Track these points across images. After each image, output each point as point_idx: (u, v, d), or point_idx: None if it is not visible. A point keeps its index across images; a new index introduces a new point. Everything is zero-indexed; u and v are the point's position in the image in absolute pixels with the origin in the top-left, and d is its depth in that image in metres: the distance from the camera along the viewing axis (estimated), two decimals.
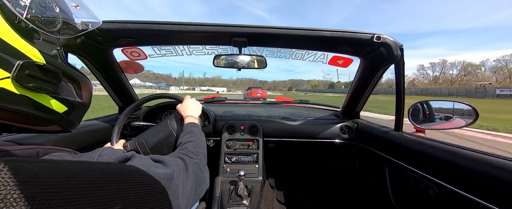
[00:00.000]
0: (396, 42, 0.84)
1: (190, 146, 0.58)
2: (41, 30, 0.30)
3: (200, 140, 0.66)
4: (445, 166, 0.70)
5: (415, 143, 0.86)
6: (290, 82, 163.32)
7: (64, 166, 0.22)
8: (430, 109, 1.03)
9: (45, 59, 0.30)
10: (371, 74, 1.07)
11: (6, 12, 0.26)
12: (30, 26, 0.28)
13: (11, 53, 0.26)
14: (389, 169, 1.02)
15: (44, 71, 0.29)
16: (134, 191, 0.28)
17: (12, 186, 0.18)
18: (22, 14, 0.27)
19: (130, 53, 1.04)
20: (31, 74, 0.27)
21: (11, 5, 0.26)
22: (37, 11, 0.29)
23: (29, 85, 0.27)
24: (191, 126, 0.72)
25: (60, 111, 0.32)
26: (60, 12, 0.33)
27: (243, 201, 1.05)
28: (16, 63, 0.26)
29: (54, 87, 0.31)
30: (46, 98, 0.30)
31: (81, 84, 0.37)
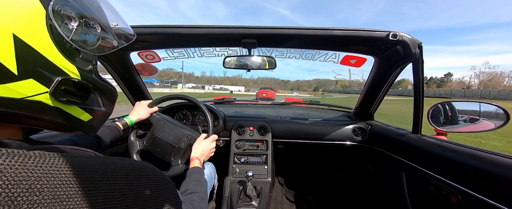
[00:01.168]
0: (414, 39, 0.80)
1: (196, 199, 0.59)
2: (82, 49, 0.32)
3: (205, 192, 0.67)
4: (470, 172, 0.65)
5: (436, 146, 0.80)
6: (316, 82, 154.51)
7: (80, 160, 0.24)
8: (452, 111, 0.96)
9: (81, 74, 0.32)
10: (386, 73, 1.02)
11: (55, 34, 0.28)
12: (73, 46, 0.31)
13: (52, 70, 0.28)
14: (406, 174, 0.96)
15: (78, 86, 0.32)
16: (144, 185, 0.30)
17: (36, 176, 0.20)
18: (68, 36, 0.30)
19: (146, 56, 1.09)
20: (66, 90, 0.30)
21: (60, 29, 0.28)
22: (81, 32, 0.32)
23: (62, 99, 0.30)
24: (197, 171, 0.72)
25: (85, 120, 0.35)
26: (101, 31, 0.36)
27: (252, 201, 1.05)
28: (55, 80, 0.29)
29: (84, 100, 0.34)
30: (75, 109, 0.33)
31: (108, 95, 0.39)
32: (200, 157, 0.80)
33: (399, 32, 0.78)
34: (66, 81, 0.30)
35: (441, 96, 36.67)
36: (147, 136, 0.95)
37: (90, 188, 0.23)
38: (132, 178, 0.29)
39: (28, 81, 0.26)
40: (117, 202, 0.26)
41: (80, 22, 0.32)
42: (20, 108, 0.26)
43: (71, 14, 0.30)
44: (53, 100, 0.29)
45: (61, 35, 0.29)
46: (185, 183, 0.66)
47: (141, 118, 0.94)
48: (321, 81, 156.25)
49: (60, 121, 0.31)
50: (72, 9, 0.31)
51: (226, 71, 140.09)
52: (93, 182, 0.24)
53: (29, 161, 0.20)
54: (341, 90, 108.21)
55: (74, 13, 0.31)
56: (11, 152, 0.20)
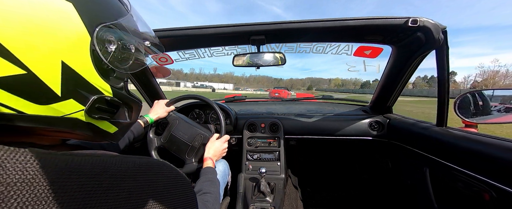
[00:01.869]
0: (437, 24, 0.73)
1: (209, 199, 0.61)
2: (117, 68, 0.34)
3: (218, 192, 0.68)
4: (506, 166, 0.59)
5: (465, 139, 0.74)
6: (309, 80, 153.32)
7: (103, 159, 0.26)
8: (484, 100, 0.87)
9: (113, 92, 0.34)
10: (405, 63, 0.95)
11: (96, 57, 0.30)
12: (109, 67, 0.32)
13: (89, 89, 0.30)
14: (430, 170, 0.90)
15: (109, 104, 0.34)
16: (162, 182, 0.32)
17: (66, 175, 0.22)
18: (107, 59, 0.31)
19: (159, 58, 1.13)
20: (99, 107, 0.32)
21: (101, 54, 0.30)
22: (117, 54, 0.33)
23: (95, 116, 0.32)
24: (210, 172, 0.73)
25: (111, 131, 0.37)
26: (135, 52, 0.37)
27: (266, 197, 1.06)
28: (91, 98, 0.30)
29: (113, 115, 0.35)
30: (104, 123, 0.35)
31: (134, 108, 0.41)
32: (213, 157, 0.82)
33: (420, 17, 0.72)
34: (100, 99, 0.32)
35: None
36: (164, 134, 1.00)
37: (114, 184, 0.25)
38: (150, 176, 0.30)
39: (69, 101, 0.28)
40: (139, 198, 0.27)
41: (118, 45, 0.33)
42: (58, 125, 0.28)
43: (112, 38, 0.32)
44: (87, 117, 0.31)
45: (100, 58, 0.31)
46: (199, 182, 0.68)
47: (159, 116, 0.99)
48: (314, 79, 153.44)
49: (90, 134, 0.33)
50: (113, 34, 0.33)
51: (216, 68, 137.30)
52: (116, 179, 0.26)
53: (59, 162, 0.22)
54: (335, 89, 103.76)
55: (114, 38, 0.33)
56: (43, 153, 0.22)
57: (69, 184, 0.22)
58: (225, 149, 0.90)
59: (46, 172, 0.21)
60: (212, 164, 0.79)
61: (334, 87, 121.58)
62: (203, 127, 0.99)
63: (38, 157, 0.21)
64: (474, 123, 0.83)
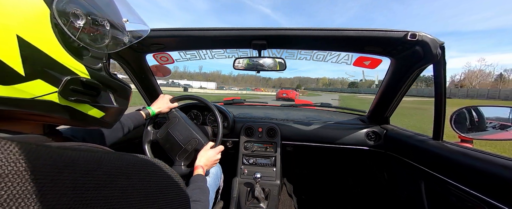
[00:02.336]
0: (435, 40, 0.74)
1: (198, 208, 0.60)
2: (90, 47, 0.32)
3: (208, 201, 0.67)
4: (500, 183, 0.59)
5: (460, 154, 0.74)
6: (297, 79, 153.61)
7: (98, 155, 0.26)
8: (480, 116, 0.88)
9: (90, 73, 0.32)
10: (403, 75, 0.97)
11: (61, 33, 0.28)
12: (81, 45, 0.30)
13: (60, 70, 0.28)
14: (425, 183, 0.90)
15: (86, 85, 0.31)
16: (155, 182, 0.31)
17: (59, 168, 0.21)
18: (75, 35, 0.29)
19: (160, 58, 1.13)
20: (74, 89, 0.30)
21: (66, 28, 0.28)
22: (89, 30, 0.31)
23: (72, 98, 0.30)
24: (200, 180, 0.73)
25: (97, 116, 0.35)
26: (110, 28, 0.35)
27: (260, 203, 1.04)
28: (63, 79, 0.29)
29: (93, 98, 0.34)
30: (86, 107, 0.33)
31: (120, 92, 0.39)
32: (204, 166, 0.81)
33: (419, 32, 0.74)
34: (75, 80, 0.30)
35: (430, 95, 34.76)
36: (161, 130, 0.99)
37: (107, 182, 0.24)
38: (144, 174, 0.30)
39: (36, 81, 0.26)
40: (132, 197, 0.26)
41: (87, 19, 0.31)
42: (31, 108, 0.27)
43: (78, 12, 0.30)
44: (62, 100, 0.29)
45: (67, 35, 0.28)
46: (188, 190, 0.67)
47: (162, 110, 0.98)
48: (302, 79, 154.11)
49: (73, 119, 0.32)
50: (79, 6, 0.30)
51: (202, 66, 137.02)
52: (110, 176, 0.25)
53: (53, 154, 0.22)
54: (323, 88, 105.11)
55: (81, 11, 0.30)
56: (37, 145, 0.21)
57: (61, 179, 0.21)
58: (217, 160, 0.89)
59: (39, 166, 0.20)
60: (203, 172, 0.78)
61: (322, 86, 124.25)
62: (200, 131, 0.98)
63: (32, 149, 0.20)
64: (470, 138, 0.84)
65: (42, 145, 0.22)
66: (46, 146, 0.22)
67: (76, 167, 0.22)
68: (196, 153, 0.88)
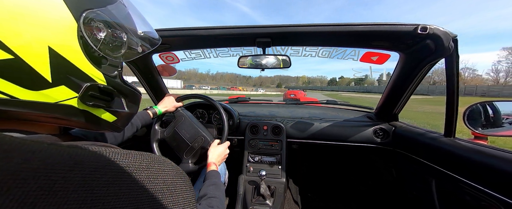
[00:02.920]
0: (447, 32, 0.71)
1: (215, 204, 0.60)
2: (109, 56, 0.35)
3: (223, 196, 0.68)
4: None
5: (474, 151, 0.71)
6: (278, 78, 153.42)
7: (106, 152, 0.27)
8: (495, 112, 0.84)
9: (107, 80, 0.35)
10: (412, 70, 0.94)
11: (85, 44, 0.31)
12: (101, 55, 0.33)
13: (82, 77, 0.31)
14: (436, 181, 0.87)
15: (103, 91, 0.34)
16: (162, 179, 0.31)
17: (71, 166, 0.22)
18: (97, 46, 0.32)
19: (166, 57, 1.15)
20: (93, 95, 0.33)
21: (90, 40, 0.31)
22: (108, 42, 0.34)
23: (90, 103, 0.33)
24: (214, 176, 0.74)
25: (110, 120, 0.38)
26: (127, 39, 0.38)
27: (266, 201, 1.05)
28: (83, 86, 0.32)
29: (108, 103, 0.36)
30: (100, 111, 0.36)
31: (131, 98, 0.42)
32: (216, 162, 0.83)
33: (430, 24, 0.71)
34: (93, 87, 0.33)
35: (416, 92, 34.12)
36: (167, 128, 1.01)
37: (115, 179, 0.25)
38: (152, 172, 0.30)
39: (61, 87, 0.29)
40: (139, 194, 0.27)
41: (107, 32, 0.34)
42: (53, 111, 0.30)
43: (100, 25, 0.33)
44: (81, 104, 0.32)
45: (90, 45, 0.31)
46: (204, 187, 0.69)
47: (168, 110, 1.01)
48: (283, 77, 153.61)
49: (88, 122, 0.34)
50: (101, 20, 0.33)
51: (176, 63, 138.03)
52: (118, 173, 0.26)
53: (64, 153, 0.23)
54: (304, 86, 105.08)
55: (103, 24, 0.33)
56: (49, 144, 0.22)
57: (71, 177, 0.22)
58: (227, 155, 0.91)
59: (50, 163, 0.21)
60: (216, 168, 0.79)
61: (302, 84, 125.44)
62: (206, 130, 1.00)
63: (44, 147, 0.21)
64: (484, 135, 0.80)
65: (54, 144, 0.23)
66: (57, 144, 0.23)
67: (86, 165, 0.23)
68: (203, 150, 0.89)
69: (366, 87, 62.17)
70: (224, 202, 0.67)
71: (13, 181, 0.19)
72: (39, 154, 0.21)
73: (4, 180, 0.18)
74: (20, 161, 0.19)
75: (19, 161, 0.19)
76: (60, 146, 0.23)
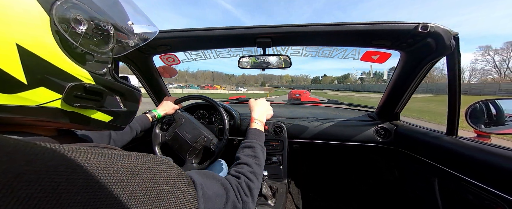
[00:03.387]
0: (448, 30, 0.71)
1: (245, 174, 0.48)
2: (94, 52, 0.31)
3: (261, 163, 0.54)
4: None
5: (477, 150, 0.71)
6: (261, 76, 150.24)
7: (108, 154, 0.26)
8: (498, 110, 0.84)
9: (94, 79, 0.32)
10: (414, 69, 0.93)
11: (62, 39, 0.27)
12: (84, 51, 0.30)
13: (63, 77, 0.28)
14: (439, 180, 0.87)
15: (90, 91, 0.31)
16: (164, 180, 0.31)
17: (73, 168, 0.22)
18: (77, 41, 0.29)
19: (167, 58, 1.16)
20: (78, 95, 0.30)
21: (67, 35, 0.27)
22: (91, 36, 0.30)
23: (76, 104, 0.30)
24: (255, 135, 0.63)
25: (105, 120, 0.35)
26: (114, 32, 0.34)
27: (268, 201, 1.05)
28: (66, 86, 0.29)
29: (99, 103, 0.33)
30: (91, 112, 0.33)
31: (128, 95, 0.39)
32: (261, 116, 0.70)
33: (431, 23, 0.71)
34: (78, 87, 0.30)
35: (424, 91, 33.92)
36: (168, 131, 1.02)
37: (118, 180, 0.25)
38: (154, 173, 0.30)
39: (39, 89, 0.26)
40: (141, 195, 0.27)
41: (89, 24, 0.30)
42: (36, 115, 0.27)
43: (79, 17, 0.29)
44: (66, 106, 0.29)
45: (69, 41, 0.28)
46: (240, 147, 0.59)
47: (167, 113, 1.00)
48: (266, 76, 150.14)
49: (78, 124, 0.32)
50: (80, 11, 0.29)
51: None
52: (120, 175, 0.26)
53: (67, 154, 0.23)
54: (287, 85, 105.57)
55: (83, 16, 0.29)
56: (52, 146, 0.22)
57: (75, 178, 0.22)
58: (271, 108, 0.79)
59: (53, 165, 0.21)
60: (261, 127, 0.67)
61: (285, 83, 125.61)
62: (208, 129, 1.00)
63: (46, 150, 0.21)
64: (487, 133, 0.80)
65: (55, 146, 0.23)
66: (60, 146, 0.23)
67: (88, 166, 0.23)
68: (205, 150, 0.88)
69: (348, 86, 63.15)
70: (259, 170, 0.53)
71: (17, 183, 0.19)
72: (41, 156, 0.21)
73: (8, 182, 0.18)
74: (23, 163, 0.19)
75: (22, 163, 0.19)
76: (63, 148, 0.23)
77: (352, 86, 60.05)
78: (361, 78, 70.06)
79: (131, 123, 0.84)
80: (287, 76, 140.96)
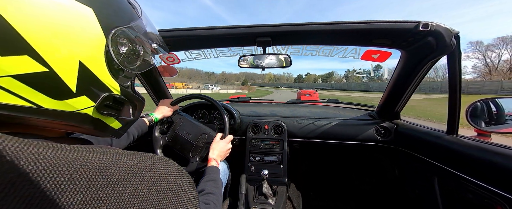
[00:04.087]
0: (449, 29, 0.71)
1: (213, 201, 0.60)
2: (126, 68, 0.36)
3: (220, 194, 0.68)
4: None
5: (477, 149, 0.71)
6: (243, 75, 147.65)
7: (110, 153, 0.27)
8: (498, 109, 0.83)
9: (121, 90, 0.36)
10: (414, 68, 0.93)
11: (109, 57, 0.32)
12: (119, 67, 0.35)
13: (101, 88, 0.33)
14: (439, 179, 0.87)
15: (117, 101, 0.36)
16: (166, 179, 0.32)
17: (75, 167, 0.22)
18: (119, 59, 0.34)
19: (167, 58, 1.16)
20: (108, 104, 0.34)
21: (114, 55, 0.33)
22: (128, 55, 0.36)
23: (104, 112, 0.34)
24: (214, 171, 0.74)
25: (116, 127, 0.39)
26: (143, 53, 0.40)
27: (269, 200, 1.05)
28: (101, 95, 0.33)
29: (119, 112, 0.38)
30: (110, 119, 0.37)
31: (138, 106, 0.43)
32: (217, 157, 0.82)
33: (431, 21, 0.70)
34: (109, 97, 0.34)
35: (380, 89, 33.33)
36: (169, 133, 1.01)
37: (120, 179, 0.25)
38: (155, 172, 0.30)
39: (82, 97, 0.30)
40: (142, 194, 0.27)
41: (129, 47, 0.36)
42: (69, 119, 0.30)
43: (124, 40, 0.35)
44: (96, 113, 0.33)
45: (113, 59, 0.33)
46: (202, 182, 0.68)
47: (165, 115, 1.01)
48: (249, 74, 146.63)
49: (96, 130, 0.35)
50: (126, 37, 0.35)
51: None
52: (122, 174, 0.26)
53: (69, 154, 0.23)
54: (270, 84, 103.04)
55: (126, 41, 0.35)
56: (55, 146, 0.23)
57: (77, 177, 0.22)
58: (229, 150, 0.90)
59: (56, 165, 0.21)
60: (217, 164, 0.79)
61: (268, 82, 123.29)
62: (207, 126, 1.00)
63: (49, 149, 0.22)
64: (487, 132, 0.80)
65: (59, 146, 0.23)
66: (62, 146, 0.23)
67: (91, 166, 0.24)
68: (208, 146, 0.89)
69: (333, 84, 63.15)
70: (221, 199, 0.67)
71: (20, 182, 0.19)
72: (44, 156, 0.21)
73: (11, 181, 0.19)
74: (27, 163, 0.20)
75: (25, 162, 0.20)
76: (65, 148, 0.23)
77: (336, 85, 59.40)
78: (345, 76, 69.65)
79: (130, 128, 0.85)
80: (270, 74, 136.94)
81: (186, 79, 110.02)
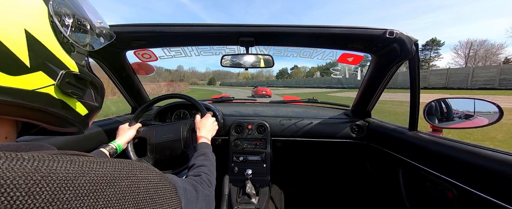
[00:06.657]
0: (410, 37, 0.80)
1: (204, 172, 0.60)
2: (76, 44, 0.35)
3: (213, 164, 0.67)
4: (465, 167, 0.66)
5: (432, 143, 0.82)
6: (213, 73, 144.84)
7: (79, 160, 0.24)
8: (448, 108, 0.98)
9: (78, 69, 0.35)
10: (383, 71, 1.03)
11: (56, 30, 0.31)
12: (69, 41, 0.33)
13: (57, 64, 0.31)
14: (403, 171, 0.98)
15: (78, 79, 0.34)
16: (144, 187, 0.29)
17: (35, 180, 0.19)
18: (66, 32, 0.33)
19: (142, 55, 1.07)
20: (70, 82, 0.33)
21: (60, 25, 0.32)
22: (75, 29, 0.35)
23: (67, 91, 0.32)
24: (204, 146, 0.73)
25: (82, 114, 0.37)
26: (90, 28, 0.39)
27: (252, 200, 1.05)
28: (59, 72, 0.31)
29: (83, 93, 0.36)
30: (75, 102, 0.35)
31: (99, 90, 0.42)
32: (207, 134, 0.82)
33: (396, 29, 0.79)
34: (69, 74, 0.32)
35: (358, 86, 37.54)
36: (148, 150, 0.92)
37: (91, 191, 0.23)
38: (133, 180, 0.28)
39: (38, 73, 0.28)
40: (118, 205, 0.25)
41: (74, 19, 0.34)
42: (32, 100, 0.28)
43: (67, 12, 0.33)
44: (58, 93, 0.32)
45: (60, 31, 0.31)
46: (193, 158, 0.67)
47: (130, 138, 0.89)
48: (221, 72, 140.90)
49: (63, 114, 0.33)
50: (67, 7, 0.34)
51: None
52: (94, 184, 0.23)
53: (28, 165, 0.20)
54: (244, 82, 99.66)
55: (69, 11, 0.34)
56: (9, 155, 0.19)
57: (37, 191, 0.19)
58: (216, 124, 0.91)
59: (10, 178, 0.18)
60: (208, 141, 0.79)
61: (242, 80, 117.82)
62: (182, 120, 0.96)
63: (1, 160, 0.19)
64: (440, 128, 0.93)
65: (14, 155, 0.20)
66: (18, 154, 0.20)
67: (55, 176, 0.21)
68: (194, 132, 0.88)
69: (296, 81, 63.49)
70: (213, 169, 0.66)
71: None
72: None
73: None
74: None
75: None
76: (22, 157, 0.20)
77: (296, 82, 59.82)
78: (322, 74, 73.12)
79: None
80: (247, 73, 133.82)
81: (141, 78, 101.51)
